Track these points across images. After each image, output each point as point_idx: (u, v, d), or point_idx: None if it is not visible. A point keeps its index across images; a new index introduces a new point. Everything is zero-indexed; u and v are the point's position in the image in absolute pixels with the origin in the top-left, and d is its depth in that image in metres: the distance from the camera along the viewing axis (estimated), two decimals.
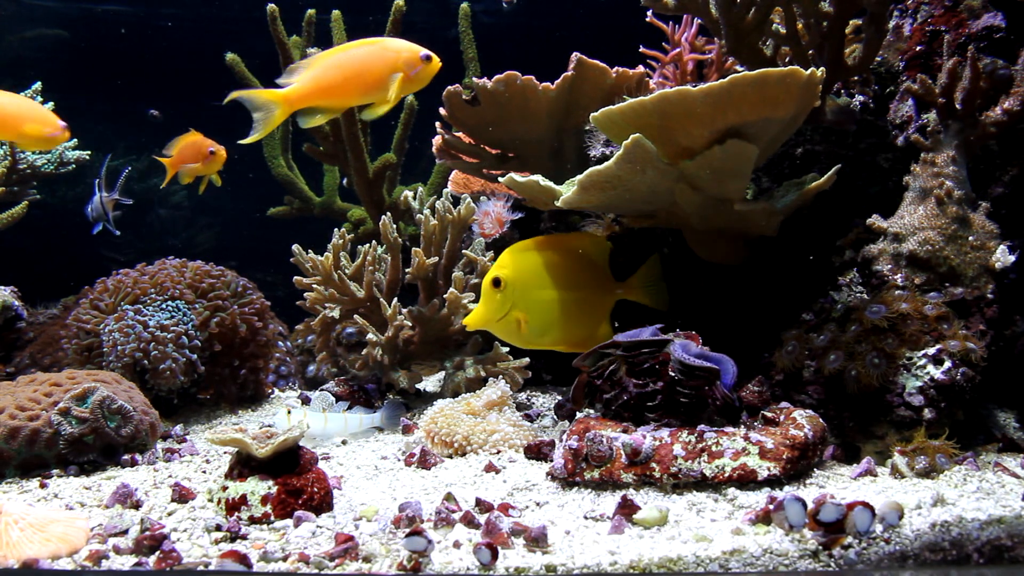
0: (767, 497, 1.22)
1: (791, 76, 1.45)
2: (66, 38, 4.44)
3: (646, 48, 2.43)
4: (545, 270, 1.79)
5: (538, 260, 1.79)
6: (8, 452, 1.63)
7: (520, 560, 1.07)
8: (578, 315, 1.83)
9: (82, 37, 4.46)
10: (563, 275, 1.80)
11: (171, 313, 2.18)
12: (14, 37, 4.35)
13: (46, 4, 4.42)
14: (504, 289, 1.73)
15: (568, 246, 1.86)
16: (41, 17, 4.40)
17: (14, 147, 2.57)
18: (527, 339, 1.80)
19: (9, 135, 1.73)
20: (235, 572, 1.05)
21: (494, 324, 1.76)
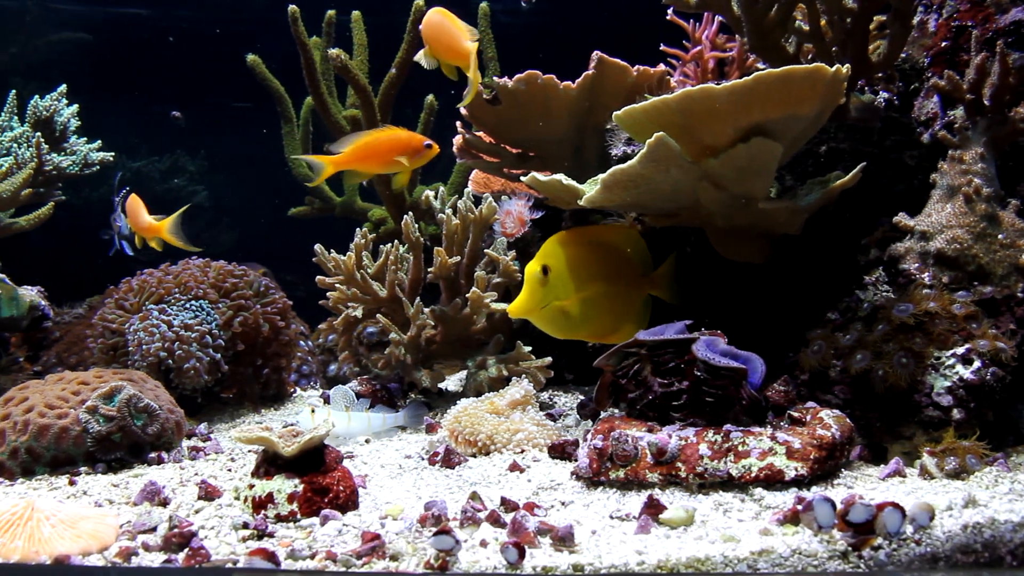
0: (795, 497, 1.22)
1: (816, 73, 1.44)
2: (90, 41, 4.48)
3: (667, 46, 2.42)
4: (588, 261, 1.78)
5: (582, 251, 1.79)
6: (38, 449, 1.65)
7: (547, 559, 1.06)
8: (614, 308, 1.83)
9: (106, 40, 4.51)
10: (603, 267, 1.81)
11: (195, 312, 2.20)
12: (40, 41, 4.40)
13: (70, 8, 4.46)
14: (550, 278, 1.72)
15: (607, 238, 1.86)
16: (66, 21, 4.44)
17: (40, 148, 2.60)
18: (566, 329, 1.79)
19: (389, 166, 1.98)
20: (263, 570, 1.06)
21: (536, 313, 1.75)
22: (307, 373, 2.73)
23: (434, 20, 1.81)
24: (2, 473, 1.65)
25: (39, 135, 2.65)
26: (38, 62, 4.43)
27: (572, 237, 1.81)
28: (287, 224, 3.21)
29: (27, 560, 1.16)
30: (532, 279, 1.73)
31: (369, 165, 1.96)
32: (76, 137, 2.89)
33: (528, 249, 2.20)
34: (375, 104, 2.50)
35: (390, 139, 1.91)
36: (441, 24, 1.81)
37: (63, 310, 2.76)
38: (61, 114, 2.82)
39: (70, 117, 2.86)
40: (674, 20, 2.35)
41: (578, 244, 1.80)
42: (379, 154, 1.91)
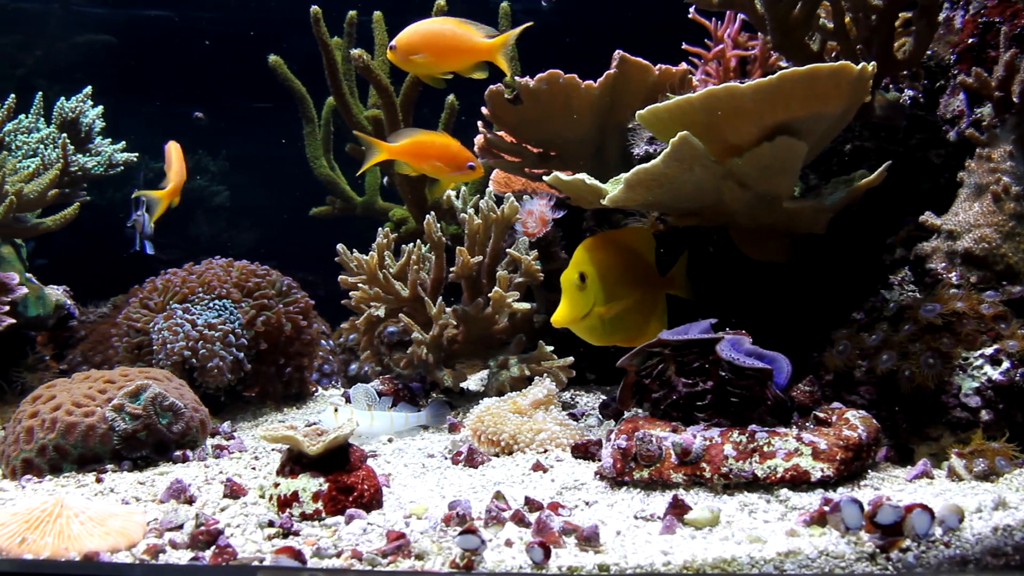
0: (821, 498, 1.21)
1: (842, 71, 1.43)
2: (113, 43, 4.52)
3: (689, 45, 2.41)
4: (617, 266, 1.77)
5: (610, 255, 1.78)
6: (65, 447, 1.67)
7: (573, 559, 1.06)
8: (642, 311, 1.82)
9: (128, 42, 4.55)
10: (629, 270, 1.80)
11: (218, 312, 2.21)
12: (64, 44, 4.44)
13: (94, 11, 4.50)
14: (588, 286, 1.71)
15: (627, 241, 1.85)
16: (89, 23, 4.48)
17: (66, 149, 2.62)
18: (604, 336, 1.79)
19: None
20: (290, 568, 1.07)
21: (579, 322, 1.73)
22: (328, 372, 2.74)
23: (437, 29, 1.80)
24: (31, 470, 1.67)
25: (65, 136, 2.67)
26: (62, 64, 4.47)
27: (600, 242, 1.80)
28: (308, 224, 3.22)
29: (57, 556, 1.17)
30: (571, 287, 1.71)
31: (417, 163, 1.98)
32: (100, 138, 2.92)
33: (550, 249, 2.20)
34: (397, 104, 2.50)
35: (442, 146, 1.94)
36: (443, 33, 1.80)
37: (88, 309, 2.79)
38: (86, 115, 2.85)
39: (95, 118, 2.88)
40: (696, 19, 2.34)
41: (606, 249, 1.79)
42: (427, 156, 1.94)
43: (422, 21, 1.84)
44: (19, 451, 1.68)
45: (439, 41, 1.81)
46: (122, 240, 3.09)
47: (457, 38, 1.80)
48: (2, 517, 1.24)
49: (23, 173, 2.51)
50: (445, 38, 1.80)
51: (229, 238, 4.81)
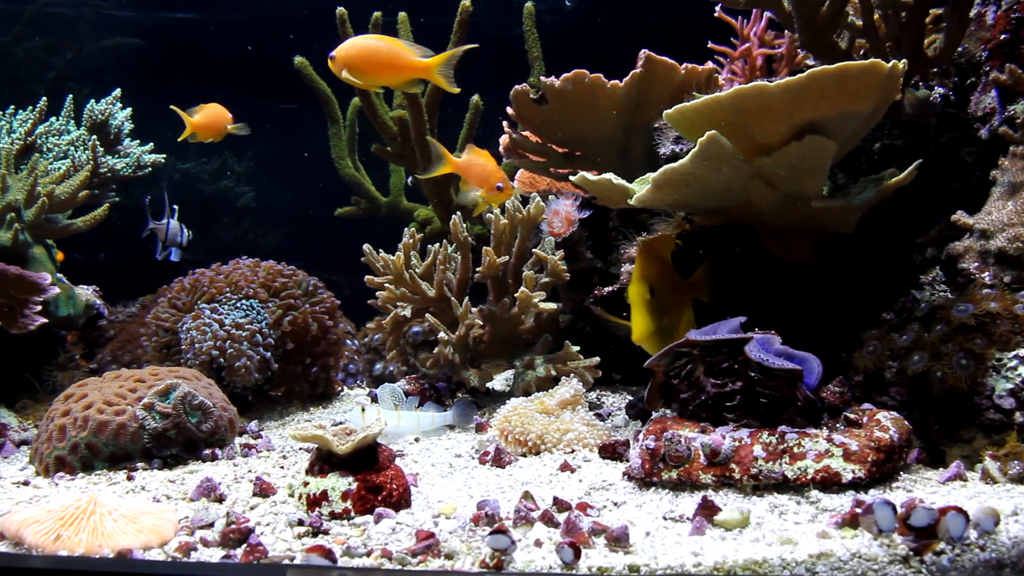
0: (852, 500, 1.20)
1: (872, 69, 1.42)
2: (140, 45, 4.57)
3: (714, 43, 2.40)
4: (667, 276, 1.77)
5: (662, 265, 1.77)
6: (97, 445, 1.69)
7: (603, 560, 1.06)
8: (686, 318, 1.81)
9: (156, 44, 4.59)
10: (673, 278, 1.79)
11: (245, 312, 2.23)
12: (93, 47, 4.50)
13: (122, 14, 4.56)
14: (657, 297, 1.69)
15: (661, 248, 1.84)
16: (118, 26, 4.54)
17: (96, 151, 2.65)
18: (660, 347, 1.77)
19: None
20: (321, 566, 1.07)
21: (654, 336, 1.69)
22: (353, 372, 2.75)
23: (374, 46, 1.86)
24: (63, 468, 1.69)
25: (95, 138, 2.71)
26: (91, 67, 4.53)
27: (651, 252, 1.78)
28: (332, 224, 3.24)
29: (91, 553, 1.18)
30: (642, 302, 1.68)
31: (468, 178, 2.04)
32: (129, 140, 2.96)
33: (576, 249, 2.20)
34: (422, 105, 2.51)
35: (482, 166, 2.00)
36: (380, 49, 1.86)
37: (117, 309, 2.82)
38: (115, 117, 2.88)
39: (124, 120, 2.92)
40: (722, 17, 2.33)
41: (658, 258, 1.78)
42: (473, 175, 2.01)
43: (362, 36, 1.91)
44: (52, 448, 1.71)
45: (375, 57, 1.86)
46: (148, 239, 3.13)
47: (393, 55, 1.86)
48: (37, 514, 1.26)
49: (54, 175, 2.54)
50: (381, 55, 1.86)
51: (254, 238, 4.85)
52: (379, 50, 1.85)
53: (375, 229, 2.79)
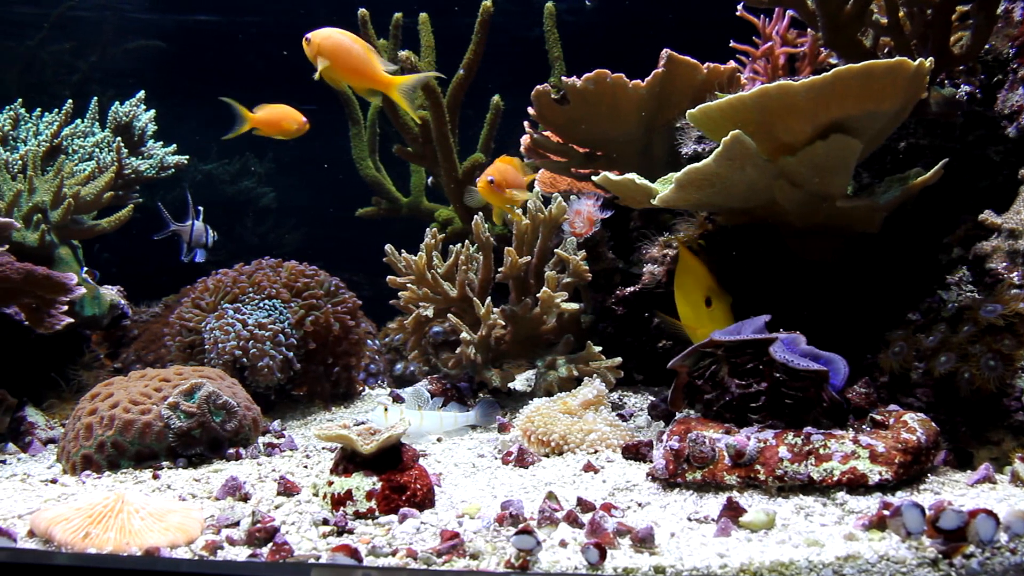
0: (880, 502, 1.19)
1: (898, 68, 1.41)
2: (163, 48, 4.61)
3: (736, 42, 2.39)
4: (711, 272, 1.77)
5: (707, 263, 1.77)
6: (123, 444, 1.70)
7: (628, 561, 1.06)
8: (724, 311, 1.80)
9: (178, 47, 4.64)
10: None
11: (268, 311, 2.24)
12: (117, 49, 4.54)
13: (145, 17, 4.60)
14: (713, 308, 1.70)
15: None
16: (141, 29, 4.58)
17: (120, 152, 2.68)
18: None
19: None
20: (347, 566, 1.08)
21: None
22: (375, 372, 2.76)
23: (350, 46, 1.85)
24: (89, 466, 1.71)
25: (119, 140, 2.74)
26: (114, 69, 4.58)
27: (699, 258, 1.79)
28: (353, 224, 3.26)
29: (119, 551, 1.19)
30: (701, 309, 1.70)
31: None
32: (152, 141, 2.98)
33: (597, 249, 2.19)
34: (444, 105, 2.52)
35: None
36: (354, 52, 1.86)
37: (141, 309, 2.85)
38: (139, 119, 2.91)
39: (148, 122, 2.94)
40: (744, 16, 2.32)
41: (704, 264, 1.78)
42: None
43: (340, 31, 1.88)
44: (79, 447, 1.72)
45: (347, 55, 1.85)
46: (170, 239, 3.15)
47: (362, 61, 1.85)
48: (66, 512, 1.27)
49: (80, 176, 2.57)
50: (352, 55, 1.85)
51: (275, 239, 4.88)
52: (352, 50, 1.84)
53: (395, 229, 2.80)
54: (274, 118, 2.33)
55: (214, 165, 4.78)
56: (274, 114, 2.32)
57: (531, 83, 2.24)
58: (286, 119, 2.29)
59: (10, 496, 1.52)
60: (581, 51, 2.89)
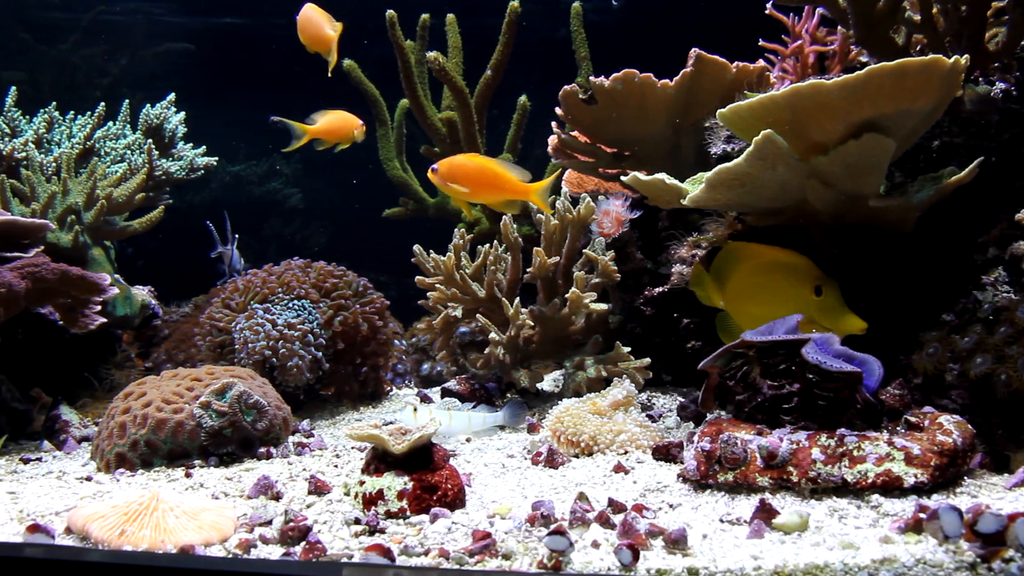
0: (915, 505, 1.17)
1: (933, 65, 1.39)
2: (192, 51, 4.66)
3: (765, 41, 2.37)
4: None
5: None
6: (156, 442, 1.72)
7: (661, 562, 1.06)
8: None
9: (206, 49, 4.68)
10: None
11: (297, 312, 2.26)
12: (147, 52, 4.60)
13: (174, 20, 4.65)
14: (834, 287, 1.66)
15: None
16: (170, 32, 4.63)
17: (151, 154, 2.71)
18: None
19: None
20: (380, 565, 1.08)
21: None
22: (402, 372, 2.77)
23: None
24: (123, 464, 1.73)
25: (150, 142, 2.77)
26: (145, 72, 4.63)
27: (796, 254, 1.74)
28: (379, 225, 3.27)
29: (154, 549, 1.21)
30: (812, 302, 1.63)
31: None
32: (182, 143, 3.02)
33: (626, 249, 2.19)
34: (472, 106, 2.52)
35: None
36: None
37: (171, 309, 2.88)
38: (170, 121, 2.94)
39: (178, 124, 2.98)
40: (773, 14, 2.30)
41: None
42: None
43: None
44: (113, 445, 1.75)
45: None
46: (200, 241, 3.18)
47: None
48: (102, 509, 1.29)
49: (112, 178, 2.60)
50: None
51: (302, 239, 4.91)
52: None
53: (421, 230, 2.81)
54: (333, 127, 2.35)
55: (242, 166, 4.82)
56: (332, 123, 2.34)
57: (555, 83, 2.24)
58: (344, 126, 2.34)
59: (47, 493, 1.54)
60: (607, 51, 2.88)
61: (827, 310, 1.63)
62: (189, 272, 3.23)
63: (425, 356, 2.83)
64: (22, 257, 1.99)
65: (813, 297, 1.63)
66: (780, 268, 1.70)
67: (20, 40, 4.39)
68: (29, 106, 2.88)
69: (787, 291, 1.66)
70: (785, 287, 1.67)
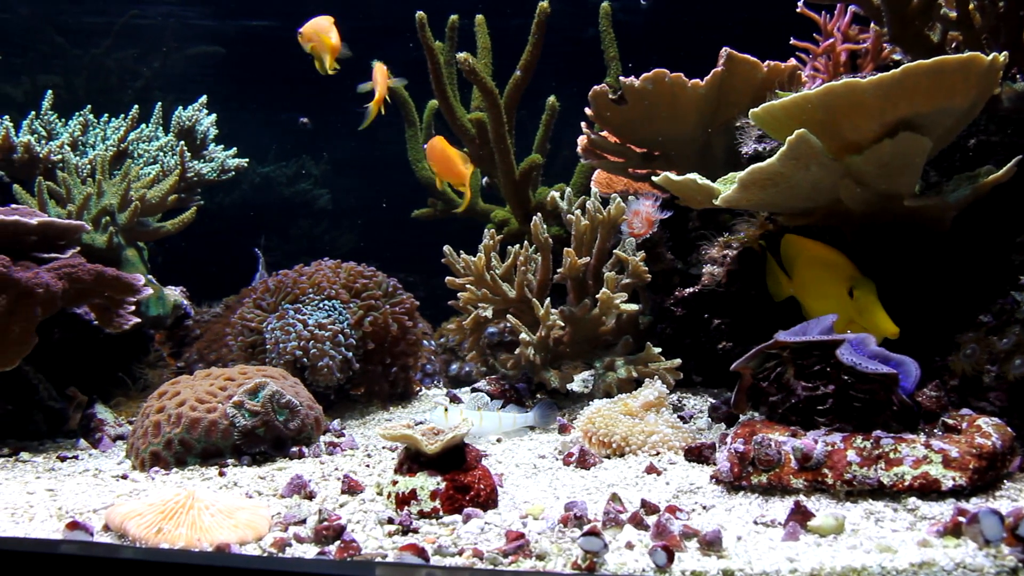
0: (954, 508, 1.16)
1: (971, 63, 1.37)
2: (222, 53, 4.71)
3: (796, 39, 2.35)
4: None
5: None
6: (189, 441, 1.74)
7: (696, 564, 1.05)
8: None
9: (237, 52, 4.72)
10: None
11: (328, 312, 2.28)
12: (179, 55, 4.65)
13: (205, 23, 4.70)
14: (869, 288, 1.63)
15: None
16: (201, 36, 4.68)
17: (184, 156, 2.74)
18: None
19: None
20: (415, 564, 1.08)
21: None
22: (431, 372, 2.78)
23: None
24: (158, 462, 1.75)
25: (182, 144, 2.80)
26: (176, 75, 4.69)
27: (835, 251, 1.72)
28: (407, 225, 3.28)
29: (190, 547, 1.22)
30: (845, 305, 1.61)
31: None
32: (214, 145, 3.05)
33: (656, 250, 2.18)
34: (501, 106, 2.52)
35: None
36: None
37: (202, 309, 2.91)
38: (201, 123, 2.98)
39: (209, 126, 3.01)
40: (805, 12, 2.28)
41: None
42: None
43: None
44: (147, 444, 1.77)
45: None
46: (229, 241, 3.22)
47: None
48: (139, 507, 1.30)
49: (145, 179, 2.63)
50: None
51: (331, 240, 4.94)
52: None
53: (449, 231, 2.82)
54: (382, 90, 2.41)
55: (271, 168, 4.86)
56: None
57: (582, 83, 2.24)
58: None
59: (84, 491, 1.57)
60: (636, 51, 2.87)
61: (860, 311, 1.61)
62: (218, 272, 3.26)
63: (454, 356, 2.84)
64: (59, 258, 2.02)
65: (848, 299, 1.61)
66: (824, 267, 1.69)
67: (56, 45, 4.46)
68: (64, 109, 2.93)
69: (825, 291, 1.65)
70: (824, 288, 1.66)
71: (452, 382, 2.75)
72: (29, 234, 1.99)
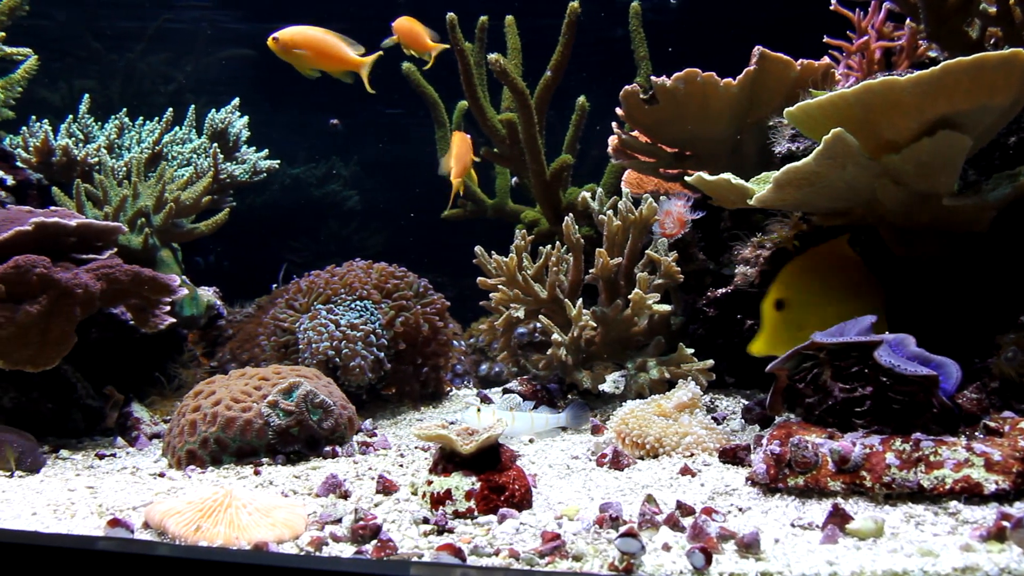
0: (997, 513, 1.14)
1: (1014, 59, 1.35)
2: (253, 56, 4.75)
3: (830, 38, 2.33)
4: (828, 283, 1.71)
5: (819, 274, 1.72)
6: (225, 440, 1.76)
7: (734, 566, 1.04)
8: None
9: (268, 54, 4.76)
10: (843, 285, 1.73)
11: (360, 312, 2.29)
12: (211, 59, 4.71)
13: (236, 26, 4.75)
14: (789, 310, 1.66)
15: (844, 252, 1.77)
16: (232, 39, 4.73)
17: (216, 158, 2.77)
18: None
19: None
20: (451, 564, 1.09)
21: (781, 350, 1.58)
22: (461, 372, 2.79)
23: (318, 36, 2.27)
24: (194, 461, 1.77)
25: (215, 146, 2.83)
26: (208, 78, 4.74)
27: (808, 260, 1.73)
28: (436, 226, 3.29)
29: (229, 545, 1.23)
30: (768, 316, 1.66)
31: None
32: (246, 147, 3.08)
33: (688, 250, 2.17)
34: (532, 107, 2.52)
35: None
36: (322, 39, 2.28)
37: (234, 310, 2.94)
38: (234, 126, 3.01)
39: (241, 128, 3.04)
40: (838, 10, 2.26)
41: (815, 266, 1.72)
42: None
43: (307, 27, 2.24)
44: (184, 443, 1.79)
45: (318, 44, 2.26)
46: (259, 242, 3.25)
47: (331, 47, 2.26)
48: (178, 505, 1.32)
49: (179, 181, 2.67)
50: (324, 44, 2.26)
51: (360, 240, 4.97)
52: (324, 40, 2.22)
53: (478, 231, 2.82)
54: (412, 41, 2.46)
55: (301, 169, 4.90)
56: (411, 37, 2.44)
57: (612, 83, 2.23)
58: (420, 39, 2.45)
59: (123, 489, 1.59)
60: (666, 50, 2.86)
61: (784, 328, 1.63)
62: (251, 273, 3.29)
63: (484, 357, 2.84)
64: (97, 259, 2.05)
65: (775, 311, 1.66)
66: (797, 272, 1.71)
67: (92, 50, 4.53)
68: (100, 113, 2.97)
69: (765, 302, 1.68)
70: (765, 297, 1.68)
71: (481, 382, 2.75)
72: (68, 235, 2.02)
